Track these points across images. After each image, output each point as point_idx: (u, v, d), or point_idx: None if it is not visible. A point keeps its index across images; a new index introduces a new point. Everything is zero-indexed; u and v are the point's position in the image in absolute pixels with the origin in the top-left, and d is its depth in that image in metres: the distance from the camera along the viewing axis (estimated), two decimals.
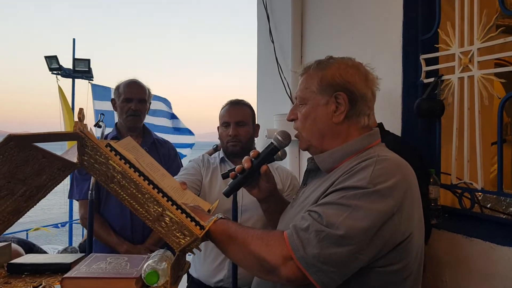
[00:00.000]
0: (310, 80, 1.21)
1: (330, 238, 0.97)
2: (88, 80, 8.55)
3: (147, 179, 1.03)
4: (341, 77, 1.16)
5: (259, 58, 3.41)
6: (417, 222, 1.09)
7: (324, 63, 1.21)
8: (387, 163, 1.06)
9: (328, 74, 1.18)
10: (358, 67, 1.20)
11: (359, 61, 1.23)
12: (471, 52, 1.74)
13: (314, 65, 1.22)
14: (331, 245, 0.97)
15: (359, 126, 1.18)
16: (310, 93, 1.20)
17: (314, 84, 1.19)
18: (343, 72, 1.17)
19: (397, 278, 1.06)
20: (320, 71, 1.19)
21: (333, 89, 1.16)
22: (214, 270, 1.94)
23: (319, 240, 0.97)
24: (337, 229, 0.97)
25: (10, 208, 1.10)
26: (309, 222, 1.01)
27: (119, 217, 2.24)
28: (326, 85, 1.17)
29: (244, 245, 1.05)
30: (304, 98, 1.22)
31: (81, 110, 1.11)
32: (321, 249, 0.97)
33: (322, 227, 0.98)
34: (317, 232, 0.98)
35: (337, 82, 1.16)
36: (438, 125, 1.89)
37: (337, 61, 1.21)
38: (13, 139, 0.91)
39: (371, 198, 0.99)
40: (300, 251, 0.98)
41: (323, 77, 1.18)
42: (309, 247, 0.98)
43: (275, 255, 1.01)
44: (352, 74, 1.17)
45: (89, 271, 1.10)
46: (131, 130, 2.35)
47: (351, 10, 2.37)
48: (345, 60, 1.21)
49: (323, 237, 0.97)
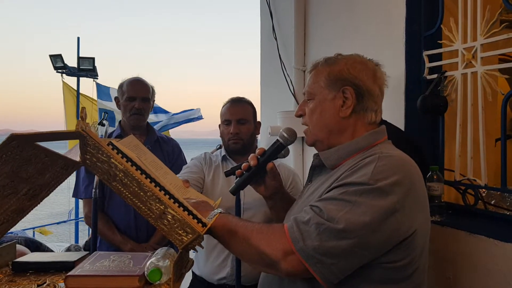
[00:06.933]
0: (318, 75, 1.22)
1: (330, 231, 0.98)
2: (92, 78, 8.59)
3: (149, 177, 1.04)
4: (348, 72, 1.17)
5: (262, 55, 3.41)
6: (423, 218, 1.09)
7: (333, 59, 1.22)
8: (389, 160, 1.06)
9: (336, 69, 1.19)
10: (366, 63, 1.21)
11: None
12: (474, 48, 1.72)
13: (322, 61, 1.24)
14: (331, 238, 0.98)
15: (366, 122, 1.19)
16: (318, 88, 1.21)
17: (322, 79, 1.20)
18: (350, 67, 1.18)
19: (402, 274, 1.07)
20: (328, 66, 1.21)
21: (341, 83, 1.17)
22: (217, 268, 1.94)
23: (319, 233, 0.99)
24: (337, 223, 0.98)
25: (13, 207, 1.11)
26: (310, 216, 1.02)
27: (123, 215, 2.25)
28: (333, 79, 1.18)
29: (245, 239, 1.07)
30: (312, 93, 1.23)
31: (83, 109, 1.12)
32: (320, 242, 0.98)
33: (322, 220, 0.99)
34: (317, 225, 0.99)
35: (345, 76, 1.17)
36: (441, 121, 1.88)
37: (345, 57, 1.22)
38: (16, 138, 0.92)
39: (371, 195, 1.00)
40: (300, 243, 1.00)
41: (331, 72, 1.19)
42: (309, 239, 0.99)
43: (275, 249, 1.02)
44: (360, 69, 1.18)
45: (92, 269, 1.11)
46: (134, 128, 2.36)
47: (354, 6, 2.36)
48: (353, 56, 1.22)
49: (323, 230, 0.98)
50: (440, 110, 1.82)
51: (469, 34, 1.76)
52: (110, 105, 7.91)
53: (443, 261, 1.65)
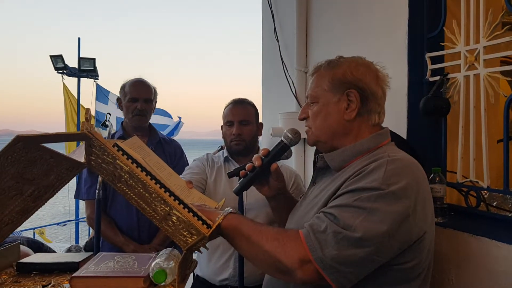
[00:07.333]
0: (321, 78, 1.22)
1: (348, 240, 0.97)
2: (93, 79, 8.60)
3: (154, 178, 1.04)
4: (352, 74, 1.17)
5: (264, 57, 3.41)
6: (430, 220, 1.10)
7: (335, 62, 1.22)
8: (399, 163, 1.06)
9: (339, 72, 1.19)
10: (369, 66, 1.21)
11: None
12: (477, 50, 1.73)
13: (325, 64, 1.23)
14: (349, 246, 0.97)
15: (370, 124, 1.19)
16: (321, 91, 1.21)
17: (325, 82, 1.20)
18: (354, 70, 1.18)
19: (410, 275, 1.08)
20: (331, 69, 1.21)
21: (345, 86, 1.17)
22: (219, 269, 1.95)
23: (337, 241, 0.97)
24: (354, 231, 0.97)
25: (18, 208, 1.11)
26: (326, 224, 1.01)
27: (125, 217, 2.25)
28: (337, 82, 1.18)
29: (259, 245, 1.05)
30: (315, 97, 1.23)
31: (88, 110, 1.12)
32: (339, 250, 0.97)
33: (339, 228, 0.98)
34: (335, 233, 0.98)
35: (349, 79, 1.17)
36: (443, 123, 1.89)
37: (347, 59, 1.22)
38: (21, 140, 0.93)
39: (386, 200, 1.00)
40: (318, 252, 0.99)
41: (334, 75, 1.19)
42: (327, 248, 0.98)
43: (292, 258, 1.01)
44: (363, 72, 1.18)
45: (97, 270, 1.11)
46: (137, 129, 2.36)
47: (356, 7, 2.36)
48: (356, 59, 1.22)
49: (341, 238, 0.97)
50: (443, 112, 1.82)
51: (472, 36, 1.76)
52: (106, 109, 7.97)
53: (445, 263, 1.65)
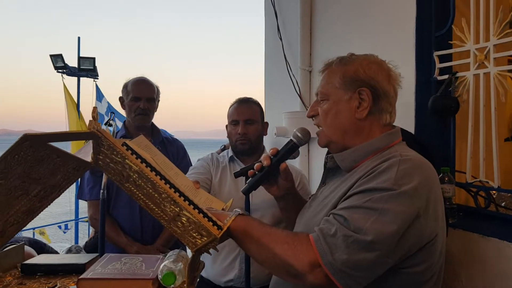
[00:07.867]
0: (332, 75, 1.19)
1: (359, 244, 0.95)
2: (93, 79, 8.58)
3: (164, 178, 1.01)
4: (364, 72, 1.15)
5: (267, 56, 3.39)
6: (441, 221, 1.07)
7: (347, 59, 1.19)
8: (411, 163, 1.04)
9: (351, 69, 1.16)
10: (381, 64, 1.19)
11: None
12: (487, 49, 1.71)
13: (336, 61, 1.20)
14: (360, 250, 0.94)
15: (381, 123, 1.17)
16: (332, 89, 1.18)
17: (337, 79, 1.17)
18: (366, 68, 1.15)
19: (421, 279, 1.05)
20: (342, 66, 1.18)
21: (357, 84, 1.15)
22: (224, 270, 1.92)
23: (347, 246, 0.95)
24: (365, 234, 0.95)
25: (24, 208, 1.09)
26: (336, 227, 0.99)
27: (128, 217, 2.23)
28: (349, 80, 1.16)
29: (268, 248, 1.03)
30: (325, 94, 1.20)
31: (95, 109, 1.10)
32: (349, 255, 0.95)
33: (349, 232, 0.96)
34: (345, 237, 0.96)
35: (361, 77, 1.15)
36: (452, 122, 1.87)
37: (359, 57, 1.19)
38: (29, 138, 0.90)
39: (398, 200, 0.97)
40: (328, 256, 0.96)
41: (346, 73, 1.16)
42: (337, 252, 0.96)
43: (302, 262, 0.99)
44: (375, 70, 1.16)
45: (104, 272, 1.09)
46: (139, 129, 2.34)
47: (362, 5, 2.34)
48: (368, 57, 1.19)
49: (351, 242, 0.95)
50: (452, 111, 1.80)
51: (482, 35, 1.74)
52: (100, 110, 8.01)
53: (454, 264, 1.64)
